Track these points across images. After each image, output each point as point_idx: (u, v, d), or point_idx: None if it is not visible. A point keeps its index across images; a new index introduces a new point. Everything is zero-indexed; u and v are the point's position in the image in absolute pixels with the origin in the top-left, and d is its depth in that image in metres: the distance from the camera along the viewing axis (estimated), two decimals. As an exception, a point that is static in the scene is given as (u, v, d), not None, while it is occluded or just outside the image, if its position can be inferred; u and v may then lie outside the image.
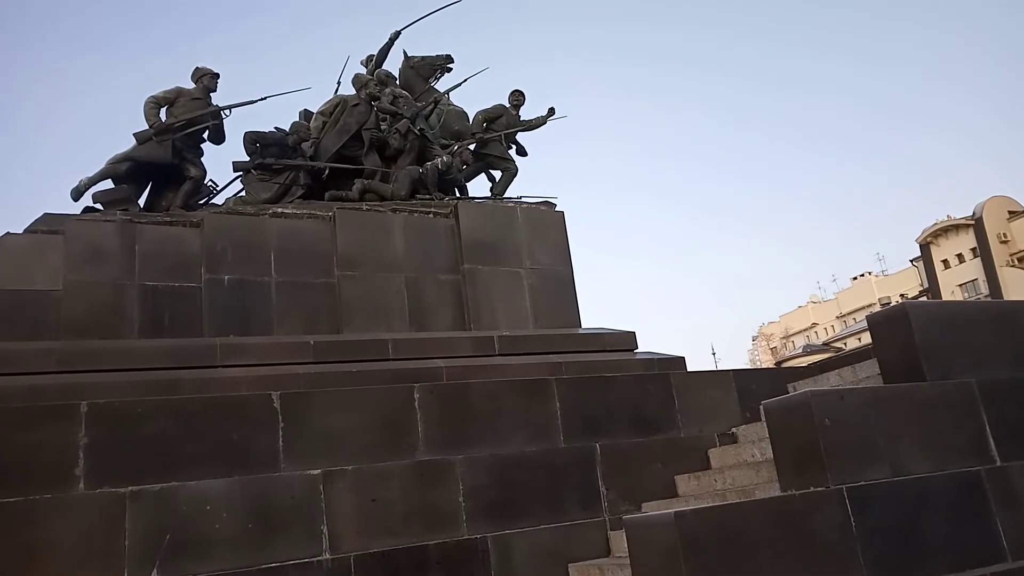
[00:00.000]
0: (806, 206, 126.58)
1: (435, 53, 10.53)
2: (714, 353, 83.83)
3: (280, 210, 7.93)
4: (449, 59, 10.50)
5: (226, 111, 8.48)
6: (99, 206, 7.68)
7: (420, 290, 7.91)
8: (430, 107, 9.99)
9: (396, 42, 10.43)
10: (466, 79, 10.61)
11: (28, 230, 7.01)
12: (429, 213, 8.41)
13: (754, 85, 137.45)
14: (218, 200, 8.72)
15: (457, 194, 9.39)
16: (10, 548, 4.37)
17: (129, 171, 7.97)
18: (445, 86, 10.51)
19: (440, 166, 9.01)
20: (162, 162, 8.06)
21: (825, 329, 66.03)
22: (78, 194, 7.85)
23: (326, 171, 8.84)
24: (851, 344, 46.63)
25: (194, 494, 4.81)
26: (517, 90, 10.19)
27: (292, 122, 8.88)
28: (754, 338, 76.73)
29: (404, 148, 9.23)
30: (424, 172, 8.93)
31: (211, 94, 8.47)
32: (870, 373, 5.71)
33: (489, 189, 10.04)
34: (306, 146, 8.78)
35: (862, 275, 64.93)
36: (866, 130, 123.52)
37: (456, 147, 9.48)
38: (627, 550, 3.99)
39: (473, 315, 7.97)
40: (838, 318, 65.19)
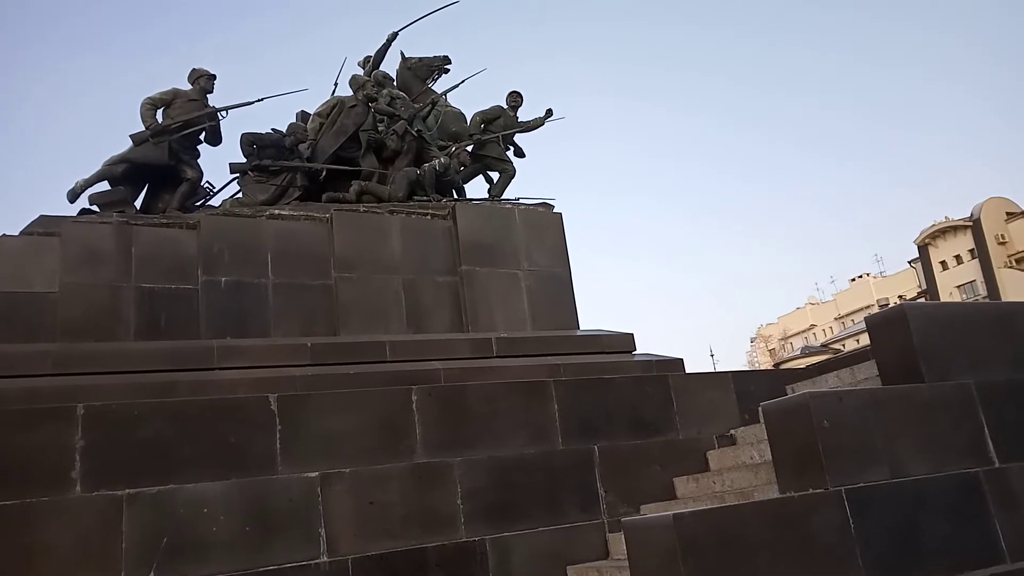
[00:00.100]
0: (805, 207, 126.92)
1: (432, 54, 10.54)
2: (712, 355, 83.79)
3: (277, 212, 7.91)
4: (447, 60, 10.50)
5: (223, 112, 8.48)
6: (95, 208, 7.66)
7: (418, 292, 7.90)
8: (427, 108, 9.98)
9: (393, 43, 10.44)
10: (464, 80, 10.61)
11: (24, 232, 6.99)
12: (427, 215, 8.40)
13: (754, 85, 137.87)
14: (215, 202, 8.72)
15: (455, 195, 9.40)
16: (7, 551, 4.35)
17: (125, 173, 7.96)
18: (443, 87, 10.51)
19: (438, 167, 9.00)
20: (159, 164, 8.05)
21: (823, 330, 66.04)
22: (74, 196, 7.84)
23: (323, 173, 8.83)
24: (849, 346, 46.68)
25: (191, 497, 4.80)
26: (515, 91, 10.19)
27: (289, 123, 8.87)
28: (752, 339, 76.79)
29: (401, 149, 9.23)
30: (422, 173, 8.92)
31: (208, 95, 8.46)
32: (868, 375, 5.70)
33: (487, 190, 10.04)
34: (303, 147, 8.77)
35: (860, 276, 64.94)
36: (865, 131, 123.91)
37: (454, 148, 9.48)
38: (626, 552, 3.98)
39: (471, 317, 7.96)
40: (836, 319, 65.22)
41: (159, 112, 8.15)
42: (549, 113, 10.31)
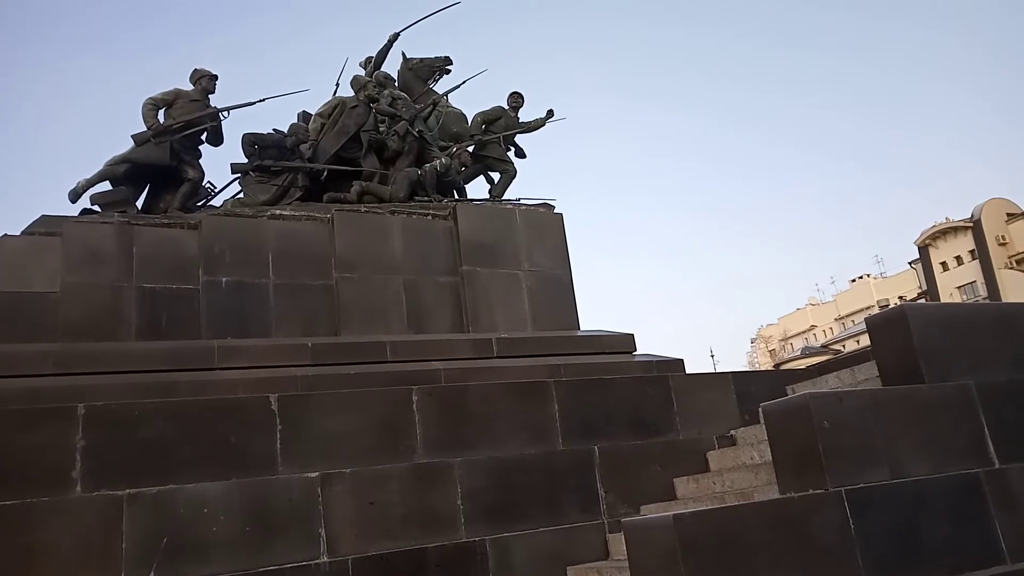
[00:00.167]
0: (805, 207, 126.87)
1: (434, 55, 10.54)
2: (712, 355, 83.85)
3: (278, 212, 7.92)
4: (448, 61, 10.50)
5: (224, 113, 8.49)
6: (97, 208, 7.68)
7: (418, 292, 7.90)
8: (429, 109, 9.99)
9: (395, 44, 10.44)
10: (465, 81, 10.62)
11: (26, 232, 7.00)
12: (428, 215, 8.41)
13: (754, 85, 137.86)
14: (216, 202, 8.72)
15: (456, 196, 9.40)
16: (7, 551, 4.36)
17: (127, 173, 7.97)
18: (444, 88, 10.51)
19: (439, 168, 9.01)
20: (160, 164, 8.06)
21: (824, 331, 66.01)
22: (76, 196, 7.85)
23: (324, 173, 8.84)
24: (850, 346, 46.65)
25: (192, 497, 4.80)
26: (516, 92, 10.20)
27: (290, 124, 8.88)
28: (752, 340, 76.75)
29: (402, 150, 9.23)
30: (423, 174, 8.92)
31: (209, 96, 8.47)
32: (869, 375, 5.71)
33: (488, 191, 10.05)
34: (304, 148, 8.78)
35: (861, 277, 64.93)
36: (865, 131, 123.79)
37: (455, 149, 9.49)
38: (626, 553, 3.98)
39: (471, 317, 7.97)
40: (837, 320, 65.19)
41: (161, 112, 8.16)
42: (550, 114, 10.32)
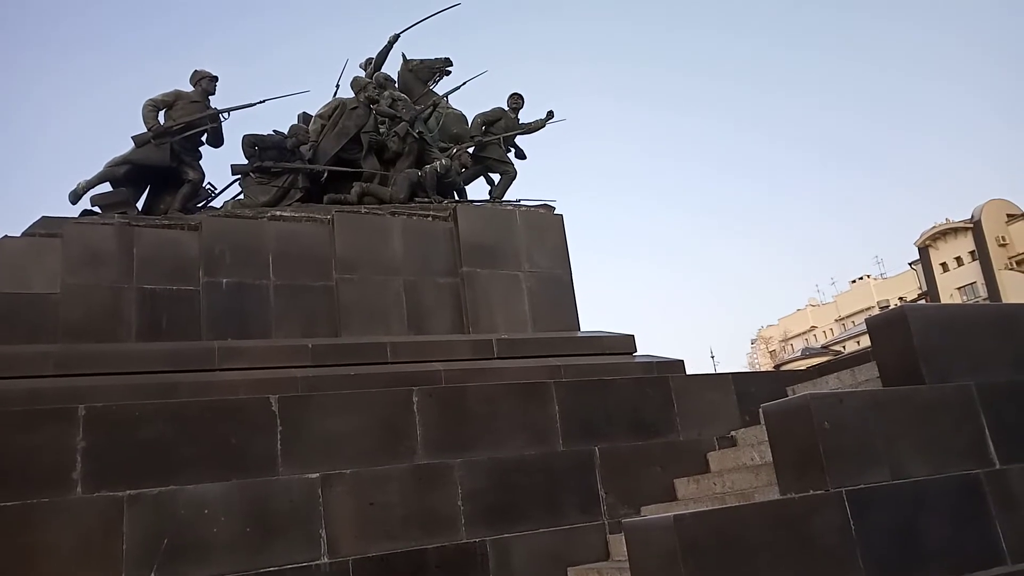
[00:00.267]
0: (805, 208, 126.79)
1: (434, 56, 10.54)
2: (713, 356, 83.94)
3: (278, 213, 7.93)
4: (448, 62, 10.51)
5: (224, 114, 8.49)
6: (97, 209, 7.69)
7: (419, 293, 7.91)
8: (429, 110, 9.99)
9: (395, 45, 10.45)
10: (465, 82, 10.62)
11: (26, 233, 7.01)
12: (428, 216, 8.41)
13: (754, 85, 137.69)
14: (216, 203, 8.72)
15: (456, 197, 9.41)
16: (8, 552, 4.36)
17: (127, 174, 7.98)
18: (444, 89, 10.52)
19: (439, 169, 9.01)
20: (160, 165, 8.06)
21: (824, 332, 66.01)
22: (76, 197, 7.85)
23: (324, 174, 8.84)
24: (850, 347, 46.65)
25: (192, 498, 4.80)
26: (516, 93, 10.20)
27: (291, 125, 8.88)
28: (753, 341, 76.73)
29: (403, 151, 9.24)
30: (423, 175, 8.93)
31: (209, 97, 8.48)
32: (869, 376, 5.71)
33: (488, 192, 10.05)
34: (304, 149, 8.79)
35: (861, 278, 64.93)
36: (865, 132, 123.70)
37: (455, 150, 9.50)
38: (626, 554, 3.98)
39: (472, 318, 7.97)
40: (837, 321, 65.19)
41: (161, 114, 8.17)
42: (550, 115, 10.32)
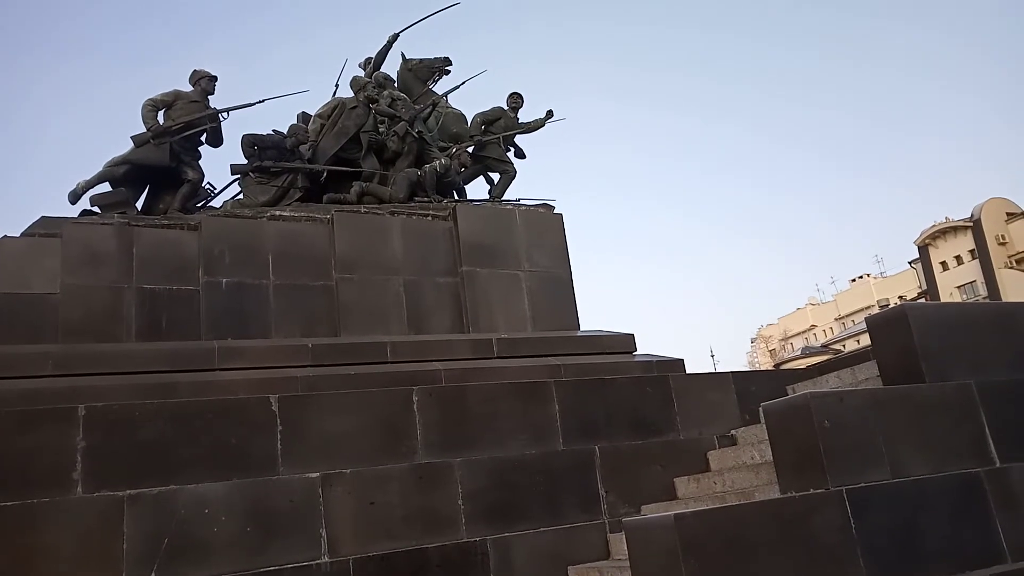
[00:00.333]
0: (805, 208, 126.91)
1: (433, 56, 10.54)
2: (713, 355, 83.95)
3: (278, 213, 7.92)
4: (447, 61, 10.50)
5: (224, 114, 8.49)
6: (97, 209, 7.68)
7: (418, 293, 7.90)
8: (428, 109, 9.98)
9: (394, 45, 10.44)
10: (464, 81, 10.60)
11: (25, 233, 7.00)
12: (427, 216, 8.41)
13: (754, 86, 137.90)
14: (216, 203, 8.72)
15: (455, 196, 9.40)
16: (8, 552, 4.36)
17: (127, 174, 7.97)
18: (443, 88, 10.50)
19: (438, 168, 9.01)
20: (160, 165, 8.06)
21: (824, 331, 66.02)
22: (76, 197, 7.85)
23: (324, 174, 8.83)
24: (850, 346, 46.66)
25: (192, 498, 4.80)
26: (515, 92, 10.20)
27: (290, 125, 8.88)
28: (753, 340, 76.74)
29: (402, 151, 9.23)
30: (422, 175, 8.93)
31: (209, 97, 8.47)
32: (869, 375, 5.71)
33: (487, 191, 10.04)
34: (304, 149, 8.78)
35: (861, 277, 64.94)
36: (865, 132, 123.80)
37: (454, 149, 9.49)
38: (627, 552, 3.98)
39: (471, 318, 7.97)
40: (837, 320, 65.21)
41: (160, 113, 8.16)
42: (550, 114, 10.31)
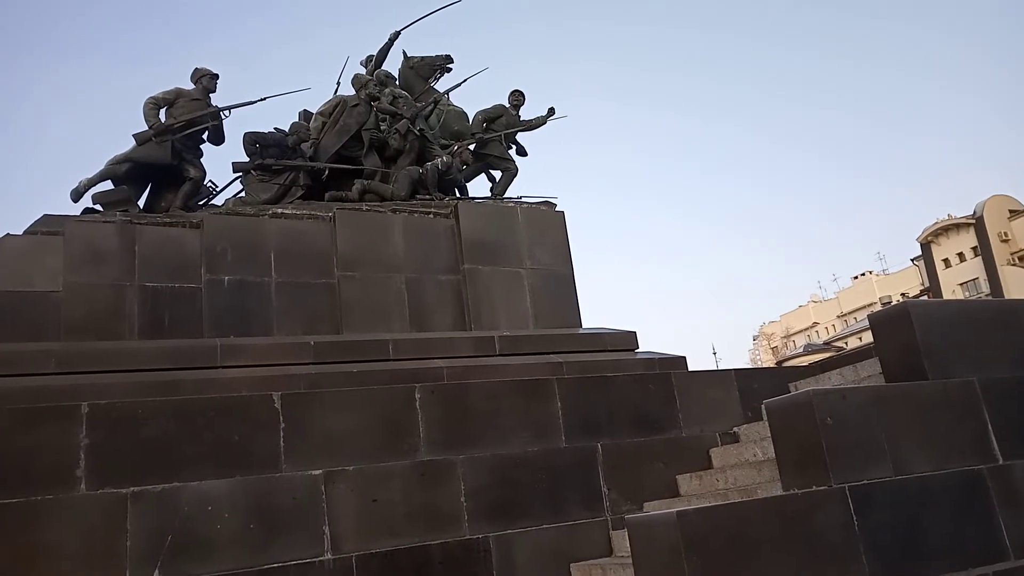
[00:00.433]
0: (806, 206, 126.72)
1: (435, 53, 10.53)
2: (715, 353, 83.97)
3: (280, 211, 7.92)
4: (449, 59, 10.49)
5: (225, 112, 8.48)
6: (99, 207, 7.68)
7: (420, 290, 7.90)
8: (430, 107, 9.98)
9: (396, 42, 10.44)
10: (466, 79, 10.62)
11: (28, 231, 7.00)
12: (429, 213, 8.40)
13: (754, 86, 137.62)
14: (218, 201, 8.72)
15: (457, 194, 9.39)
16: (12, 549, 4.37)
17: (128, 172, 7.97)
18: (445, 86, 10.51)
19: (440, 166, 9.01)
20: (162, 163, 8.06)
21: (826, 328, 66.03)
22: (77, 195, 7.85)
23: (326, 172, 8.83)
24: (852, 343, 46.66)
25: (195, 495, 4.81)
26: (517, 90, 10.19)
27: (292, 123, 8.88)
28: (755, 337, 76.68)
29: (404, 148, 9.23)
30: (424, 172, 8.92)
31: (210, 95, 8.47)
32: (871, 372, 5.71)
33: (489, 189, 10.04)
34: (306, 147, 8.77)
35: (863, 274, 64.93)
36: (866, 131, 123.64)
37: (456, 147, 9.48)
38: (629, 549, 3.98)
39: (473, 315, 7.97)
40: (839, 317, 65.19)
41: (162, 111, 8.17)
42: (551, 111, 10.30)
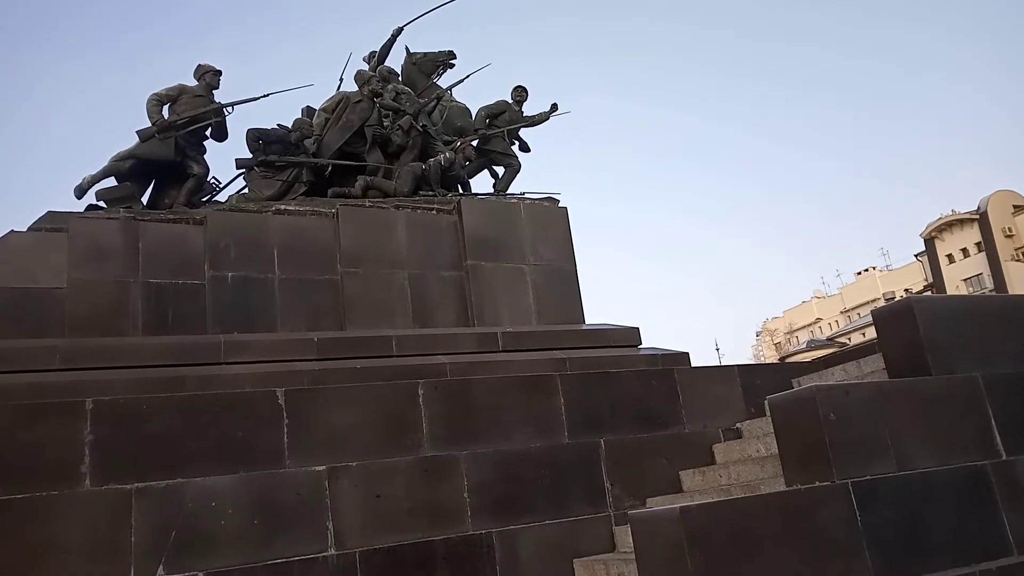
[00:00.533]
0: (809, 203, 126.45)
1: (437, 49, 10.51)
2: (718, 348, 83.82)
3: (283, 207, 7.92)
4: (451, 55, 10.47)
5: (229, 108, 8.48)
6: (102, 204, 7.69)
7: (423, 286, 7.91)
8: (432, 103, 9.97)
9: (398, 38, 10.42)
10: (469, 75, 10.59)
11: (32, 228, 7.01)
12: (432, 209, 8.40)
13: (756, 83, 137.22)
14: (221, 197, 8.73)
15: (460, 190, 9.38)
16: (17, 545, 4.38)
17: (132, 169, 7.98)
18: (448, 82, 10.48)
19: (443, 162, 9.00)
20: (165, 159, 8.06)
21: (829, 324, 65.97)
22: (81, 192, 7.86)
23: (329, 168, 8.83)
24: (855, 339, 46.61)
25: (200, 491, 4.83)
26: (520, 86, 10.17)
27: (295, 119, 8.89)
28: (758, 333, 76.62)
29: (407, 145, 9.23)
30: (427, 168, 8.92)
31: (214, 91, 8.46)
32: (875, 368, 5.70)
33: (492, 185, 10.03)
34: (309, 143, 8.78)
35: (866, 270, 64.83)
36: (869, 126, 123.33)
37: (459, 143, 9.48)
38: (632, 545, 3.98)
39: (476, 311, 7.97)
40: (842, 313, 65.11)
41: (165, 108, 8.17)
42: (554, 107, 10.28)
